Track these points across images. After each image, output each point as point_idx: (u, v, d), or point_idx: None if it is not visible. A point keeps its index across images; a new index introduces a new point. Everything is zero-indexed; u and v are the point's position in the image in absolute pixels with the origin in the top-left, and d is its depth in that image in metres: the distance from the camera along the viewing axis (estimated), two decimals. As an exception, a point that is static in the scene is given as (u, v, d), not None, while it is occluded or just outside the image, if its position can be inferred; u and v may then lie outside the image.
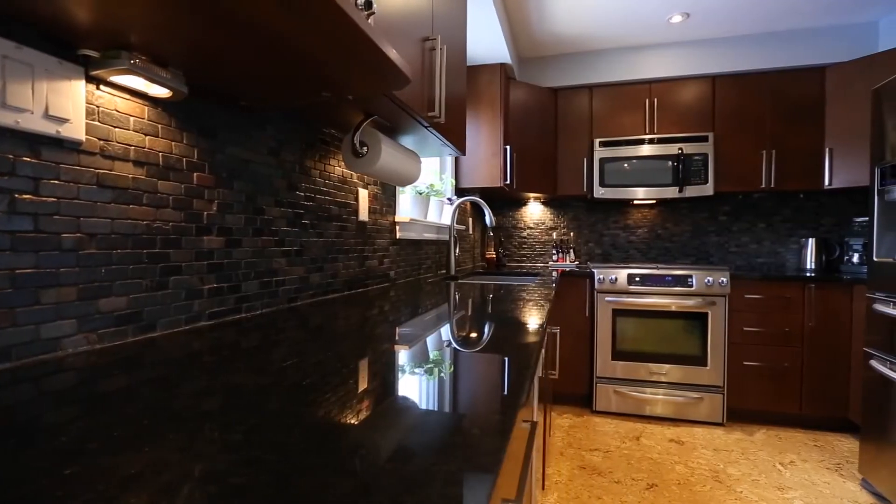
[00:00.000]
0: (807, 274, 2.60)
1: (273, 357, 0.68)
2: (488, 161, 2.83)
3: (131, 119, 0.78)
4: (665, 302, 2.68)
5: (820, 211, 3.04)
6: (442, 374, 0.60)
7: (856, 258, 2.77)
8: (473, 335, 0.87)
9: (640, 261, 3.34)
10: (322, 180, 1.37)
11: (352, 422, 0.43)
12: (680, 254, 3.29)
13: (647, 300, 2.71)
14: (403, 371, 0.62)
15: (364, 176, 1.61)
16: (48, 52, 0.65)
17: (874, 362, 1.90)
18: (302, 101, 1.02)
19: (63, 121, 0.67)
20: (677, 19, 2.76)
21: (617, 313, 2.77)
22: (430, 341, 0.81)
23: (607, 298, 2.77)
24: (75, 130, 0.69)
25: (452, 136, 1.60)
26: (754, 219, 3.16)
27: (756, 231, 3.15)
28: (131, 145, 0.78)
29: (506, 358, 0.69)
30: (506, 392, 0.53)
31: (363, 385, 0.55)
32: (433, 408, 0.48)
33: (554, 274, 2.63)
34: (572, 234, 3.50)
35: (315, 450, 0.37)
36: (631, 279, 2.74)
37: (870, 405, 1.94)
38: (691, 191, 2.90)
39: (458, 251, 2.90)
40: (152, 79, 0.73)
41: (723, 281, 2.59)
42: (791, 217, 3.09)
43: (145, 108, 0.81)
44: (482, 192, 3.12)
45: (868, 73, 2.58)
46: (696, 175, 2.89)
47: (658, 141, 2.96)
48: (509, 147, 2.88)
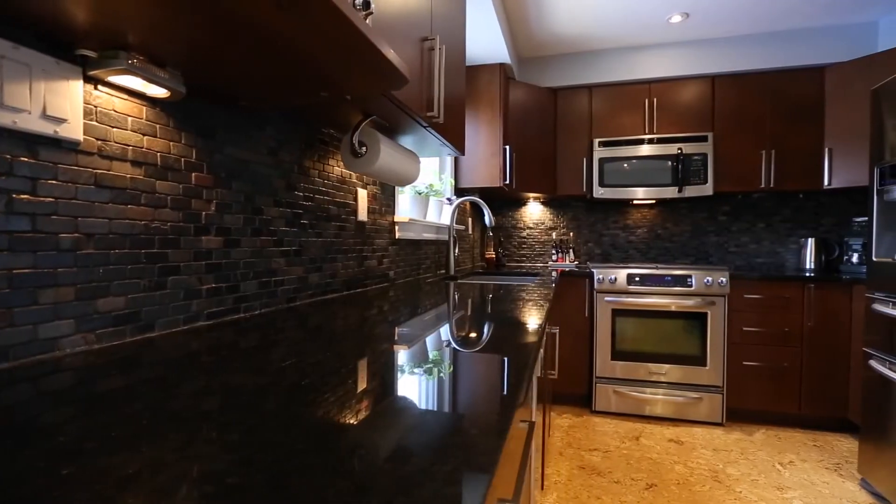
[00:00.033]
0: (806, 274, 2.60)
1: (271, 357, 0.68)
2: (488, 161, 2.83)
3: (129, 119, 0.78)
4: (664, 302, 2.68)
5: (819, 211, 3.04)
6: (439, 375, 0.60)
7: (855, 258, 2.77)
8: (471, 335, 0.87)
9: (640, 261, 3.34)
10: (321, 180, 1.37)
11: (349, 422, 0.43)
12: (679, 254, 3.29)
13: (647, 300, 2.71)
14: (401, 371, 0.62)
15: (363, 176, 1.61)
16: (46, 52, 0.65)
17: (873, 362, 1.90)
18: (300, 101, 1.02)
19: (61, 121, 0.67)
20: (677, 19, 2.76)
21: (616, 313, 2.77)
22: (428, 341, 0.81)
23: (607, 298, 2.77)
24: (73, 130, 0.69)
25: (451, 136, 1.60)
26: (754, 219, 3.16)
27: (755, 231, 3.15)
28: (129, 145, 0.79)
29: (503, 358, 0.69)
30: (503, 392, 0.53)
31: (360, 385, 0.55)
32: (430, 408, 0.48)
33: (553, 274, 2.63)
34: (572, 234, 3.50)
35: (311, 450, 0.37)
36: (630, 279, 2.74)
37: (869, 405, 1.94)
38: (691, 191, 2.90)
39: (458, 251, 2.90)
40: (150, 79, 0.73)
41: (722, 281, 2.59)
42: (790, 217, 3.09)
43: (143, 108, 0.81)
44: (482, 192, 3.12)
45: (867, 73, 2.58)
46: (696, 175, 2.89)
47: (658, 141, 2.96)
48: (509, 147, 2.88)
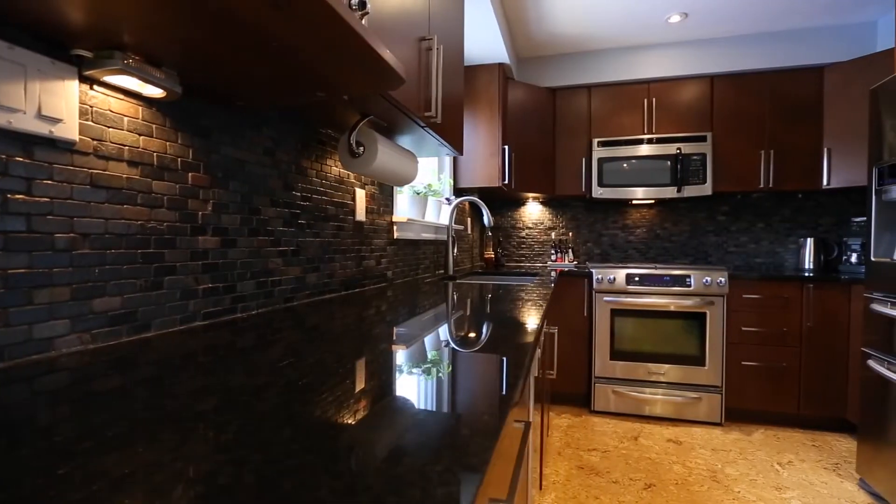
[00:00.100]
0: (805, 274, 2.60)
1: (267, 357, 0.68)
2: (487, 161, 2.83)
3: (125, 119, 0.78)
4: (663, 302, 2.68)
5: (818, 211, 3.04)
6: (434, 375, 0.60)
7: (854, 258, 2.77)
8: (468, 335, 0.87)
9: (639, 261, 3.34)
10: (319, 180, 1.37)
11: (342, 422, 0.43)
12: (679, 253, 3.29)
13: (646, 300, 2.71)
14: (396, 372, 0.62)
15: (361, 176, 1.61)
16: (41, 52, 0.65)
17: (872, 362, 1.90)
18: (297, 101, 1.02)
19: (56, 121, 0.67)
20: (676, 19, 2.76)
21: (615, 313, 2.77)
22: (425, 342, 0.81)
23: (606, 298, 2.77)
24: (68, 130, 0.69)
25: (449, 136, 1.60)
26: (753, 219, 3.16)
27: (754, 231, 3.15)
28: (125, 145, 0.78)
29: (498, 358, 0.69)
30: (497, 393, 0.53)
31: (355, 385, 0.55)
32: (424, 408, 0.48)
33: (552, 274, 2.63)
34: (571, 234, 3.50)
35: (304, 450, 0.37)
36: (629, 279, 2.74)
37: (868, 405, 1.94)
38: (690, 191, 2.90)
39: (457, 251, 2.90)
40: (146, 79, 0.73)
41: (721, 281, 2.59)
42: (789, 217, 3.09)
43: (139, 108, 0.81)
44: (480, 192, 3.12)
45: (866, 73, 2.58)
46: (695, 175, 2.89)
47: (657, 141, 2.96)
48: (508, 147, 2.88)
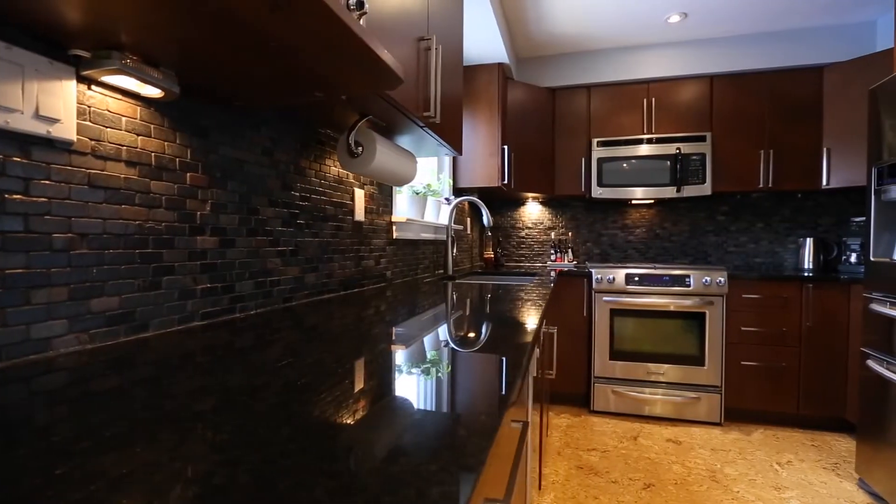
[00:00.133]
0: (804, 274, 2.60)
1: (265, 357, 0.68)
2: (486, 161, 2.83)
3: (123, 119, 0.78)
4: (663, 302, 2.68)
5: (818, 211, 3.04)
6: (431, 375, 0.60)
7: (853, 258, 2.77)
8: (466, 336, 0.87)
9: (639, 260, 3.34)
10: (318, 180, 1.37)
11: (338, 422, 0.43)
12: (678, 253, 3.29)
13: (645, 300, 2.71)
14: (394, 372, 0.62)
15: (360, 176, 1.61)
16: (38, 52, 0.65)
17: (871, 362, 1.90)
18: (295, 101, 1.02)
19: (54, 121, 0.67)
20: (675, 19, 2.76)
21: (615, 313, 2.77)
22: (423, 342, 0.81)
23: (605, 298, 2.77)
24: (66, 130, 0.69)
25: (448, 136, 1.60)
26: (752, 218, 3.16)
27: (754, 231, 3.15)
28: (123, 145, 0.78)
29: (496, 358, 0.69)
30: (494, 393, 0.53)
31: (352, 385, 0.55)
32: (420, 408, 0.48)
33: (552, 274, 2.63)
34: (570, 234, 3.50)
35: (300, 450, 0.37)
36: (629, 279, 2.74)
37: (867, 405, 1.94)
38: (689, 190, 2.90)
39: (456, 251, 2.90)
40: (144, 79, 0.73)
41: (720, 281, 2.59)
42: (789, 217, 3.09)
43: (137, 108, 0.81)
44: (480, 192, 3.12)
45: (866, 73, 2.58)
46: (695, 175, 2.89)
47: (656, 141, 2.96)
48: (507, 147, 2.88)
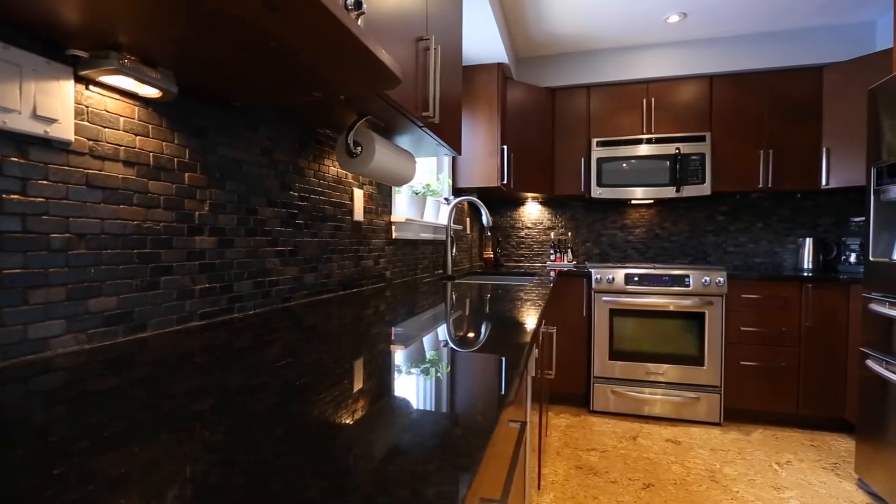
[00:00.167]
0: (804, 274, 2.60)
1: (263, 357, 0.68)
2: (485, 161, 2.83)
3: (121, 119, 0.78)
4: (662, 302, 2.68)
5: (817, 211, 3.04)
6: (428, 375, 0.60)
7: (853, 258, 2.77)
8: (463, 336, 0.87)
9: (638, 260, 3.34)
10: (316, 180, 1.37)
11: (334, 422, 0.43)
12: (678, 253, 3.29)
13: (645, 300, 2.71)
14: (391, 372, 0.62)
15: (359, 176, 1.61)
16: (36, 52, 0.65)
17: (870, 362, 1.90)
18: (293, 101, 1.02)
19: (51, 121, 0.67)
20: (674, 19, 2.76)
21: (614, 313, 2.77)
22: (421, 342, 0.81)
23: (604, 298, 2.77)
24: (64, 130, 0.69)
25: (447, 136, 1.60)
26: (752, 218, 3.15)
27: (753, 231, 3.15)
28: (121, 145, 0.78)
29: (493, 358, 0.69)
30: (490, 393, 0.53)
31: (349, 386, 0.55)
32: (417, 408, 0.48)
33: (551, 274, 2.63)
34: (570, 234, 3.50)
35: (295, 450, 0.37)
36: (628, 279, 2.74)
37: (866, 405, 1.94)
38: (689, 190, 2.90)
39: (455, 251, 2.90)
40: (142, 79, 0.73)
41: (720, 281, 2.59)
42: (788, 217, 3.09)
43: (135, 108, 0.81)
44: (479, 192, 3.12)
45: (865, 73, 2.58)
46: (694, 175, 2.89)
47: (656, 141, 2.96)
48: (506, 147, 2.88)
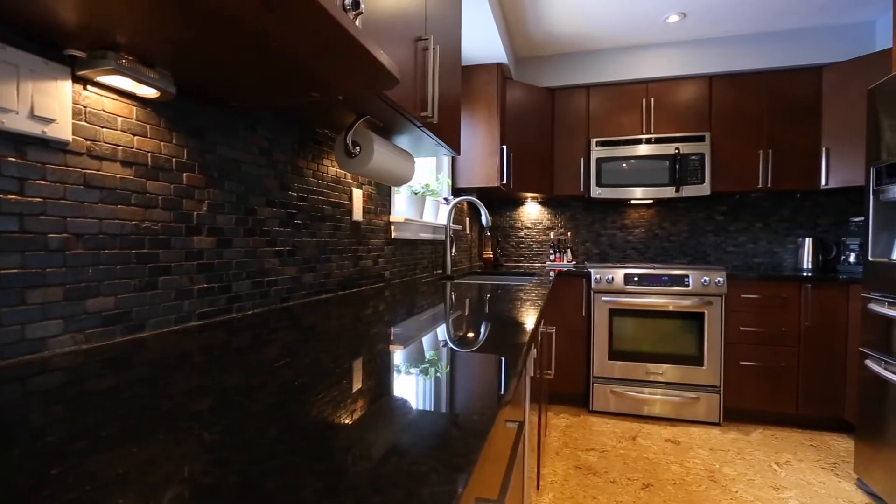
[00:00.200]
0: (803, 274, 2.60)
1: (262, 358, 0.68)
2: (485, 161, 2.83)
3: (119, 119, 0.78)
4: (662, 302, 2.68)
5: (817, 211, 3.04)
6: (426, 376, 0.60)
7: (852, 258, 2.77)
8: (462, 336, 0.87)
9: (638, 260, 3.34)
10: (315, 180, 1.37)
11: (331, 422, 0.43)
12: (677, 253, 3.29)
13: (644, 300, 2.71)
14: (389, 373, 0.62)
15: (358, 176, 1.61)
16: (33, 53, 0.65)
17: (870, 362, 1.90)
18: (291, 101, 1.02)
19: (49, 121, 0.67)
20: (674, 19, 2.76)
21: (613, 313, 2.77)
22: (419, 342, 0.81)
23: (604, 298, 2.77)
24: (61, 131, 0.69)
25: (446, 136, 1.60)
26: (751, 218, 3.15)
27: (753, 231, 3.15)
28: (119, 145, 0.79)
29: (491, 358, 0.69)
30: (487, 393, 0.53)
31: (349, 386, 0.55)
32: (413, 408, 0.48)
33: (551, 274, 2.63)
34: (570, 234, 3.50)
35: (290, 451, 0.37)
36: (628, 279, 2.74)
37: (865, 405, 1.94)
38: (688, 190, 2.90)
39: (455, 251, 2.90)
40: (139, 79, 0.73)
41: (719, 281, 2.59)
42: (788, 217, 3.09)
43: (133, 109, 0.81)
44: (479, 192, 3.12)
45: (864, 73, 2.58)
46: (693, 175, 2.89)
47: (655, 141, 2.96)
48: (506, 147, 2.88)
